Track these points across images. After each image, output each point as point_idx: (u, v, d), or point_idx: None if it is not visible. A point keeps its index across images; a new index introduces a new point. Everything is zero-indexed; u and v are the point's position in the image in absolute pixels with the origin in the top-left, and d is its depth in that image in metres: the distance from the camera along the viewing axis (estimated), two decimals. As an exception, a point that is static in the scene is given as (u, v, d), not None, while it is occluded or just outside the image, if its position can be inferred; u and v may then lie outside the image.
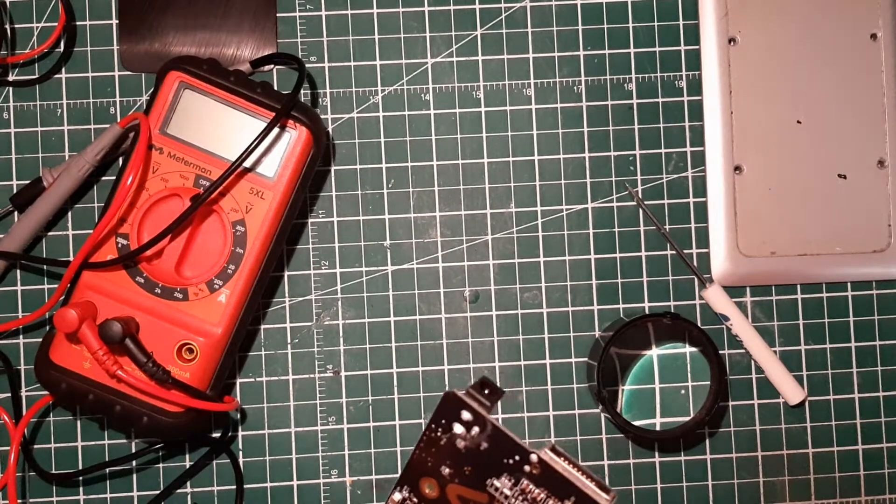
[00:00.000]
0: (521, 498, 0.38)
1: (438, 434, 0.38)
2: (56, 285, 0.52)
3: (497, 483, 0.38)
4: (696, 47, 0.54)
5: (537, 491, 0.38)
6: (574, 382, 0.53)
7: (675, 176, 0.53)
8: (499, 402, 0.39)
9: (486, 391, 0.38)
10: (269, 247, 0.48)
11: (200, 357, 0.47)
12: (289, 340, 0.52)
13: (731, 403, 0.53)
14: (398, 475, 0.38)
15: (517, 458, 0.38)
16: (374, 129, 0.53)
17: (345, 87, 0.53)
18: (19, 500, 0.51)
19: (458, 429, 0.38)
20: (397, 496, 0.39)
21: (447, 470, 0.38)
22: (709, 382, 0.52)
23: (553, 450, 0.39)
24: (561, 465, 0.38)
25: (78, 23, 0.53)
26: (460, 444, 0.38)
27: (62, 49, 0.53)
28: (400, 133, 0.53)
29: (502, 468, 0.38)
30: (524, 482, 0.38)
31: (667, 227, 0.53)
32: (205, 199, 0.46)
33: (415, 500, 0.39)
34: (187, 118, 0.48)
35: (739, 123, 0.53)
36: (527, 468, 0.38)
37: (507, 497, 0.38)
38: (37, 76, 0.52)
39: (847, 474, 0.53)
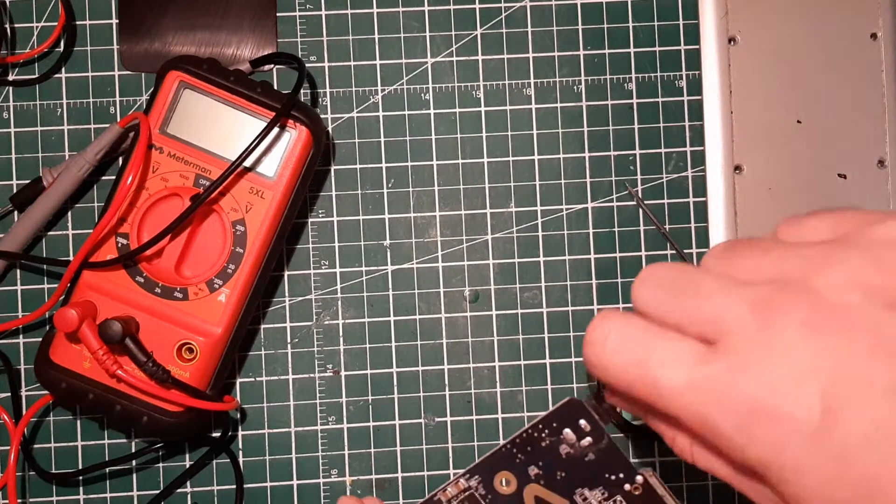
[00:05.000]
0: None
1: (543, 435, 0.38)
2: (56, 285, 0.52)
3: (588, 494, 0.38)
4: (696, 47, 0.54)
5: None
6: (574, 382, 0.53)
7: (675, 176, 0.53)
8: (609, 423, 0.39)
9: (603, 408, 0.38)
10: (268, 246, 0.48)
11: (200, 357, 0.47)
12: (289, 340, 0.52)
13: (731, 403, 0.53)
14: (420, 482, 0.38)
15: (621, 475, 0.38)
16: (373, 128, 0.53)
17: (345, 87, 0.53)
18: (19, 500, 0.51)
19: (569, 434, 0.38)
20: (464, 483, 0.39)
21: (535, 470, 0.38)
22: (709, 382, 0.52)
23: (655, 475, 0.39)
24: (661, 489, 0.38)
25: (78, 22, 0.53)
26: (563, 449, 0.38)
27: (62, 49, 0.53)
28: (400, 133, 0.53)
29: (600, 482, 0.38)
30: (618, 498, 0.38)
31: (667, 226, 0.53)
32: (205, 199, 0.46)
33: (482, 491, 0.38)
34: (187, 118, 0.48)
35: (739, 123, 0.53)
36: (627, 486, 0.38)
37: None
38: (37, 76, 0.52)
39: (847, 474, 0.53)
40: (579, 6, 0.54)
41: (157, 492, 0.51)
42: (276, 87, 0.50)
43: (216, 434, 0.52)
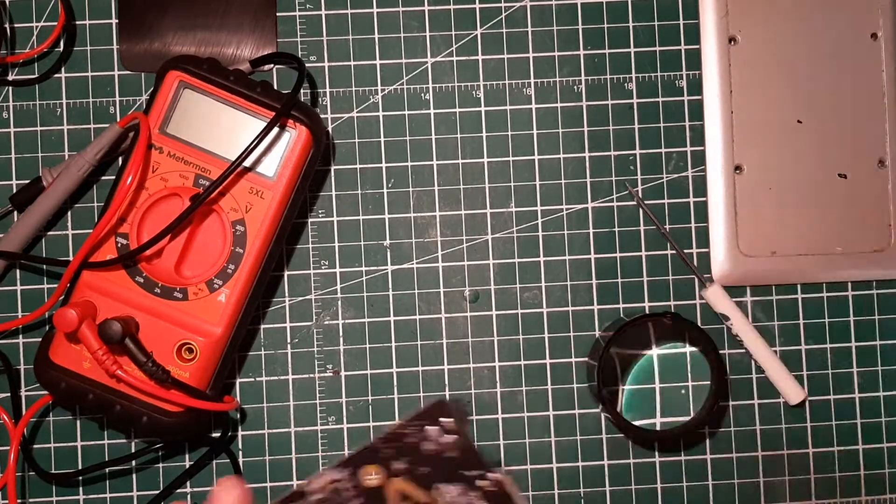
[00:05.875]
0: None
1: (409, 431, 0.40)
2: (56, 285, 0.52)
3: (446, 488, 0.40)
4: (697, 47, 0.54)
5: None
6: (574, 382, 0.53)
7: (675, 176, 0.53)
8: (465, 427, 0.41)
9: (463, 412, 0.41)
10: (268, 246, 0.48)
11: (200, 357, 0.47)
12: (289, 340, 0.52)
13: (731, 403, 0.53)
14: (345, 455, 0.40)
15: (477, 473, 0.40)
16: (373, 128, 0.53)
17: (345, 87, 0.53)
18: (19, 500, 0.51)
19: (433, 432, 0.40)
20: (331, 475, 0.40)
21: (401, 465, 0.40)
22: (709, 382, 0.52)
23: (505, 475, 0.42)
24: (514, 491, 0.41)
25: (78, 22, 0.53)
26: (427, 446, 0.40)
27: (62, 49, 0.52)
28: (400, 133, 0.53)
29: (458, 477, 0.40)
30: (473, 494, 0.40)
31: (667, 226, 0.53)
32: (204, 199, 0.46)
33: (348, 484, 0.40)
34: (187, 118, 0.48)
35: (739, 123, 0.53)
36: (481, 483, 0.40)
37: (449, 502, 0.40)
38: (36, 76, 0.52)
39: (847, 474, 0.53)
40: (579, 6, 0.53)
41: (157, 492, 0.51)
42: (276, 87, 0.50)
43: (216, 434, 0.52)
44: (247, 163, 0.47)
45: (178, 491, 0.51)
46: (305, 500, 0.39)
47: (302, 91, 0.51)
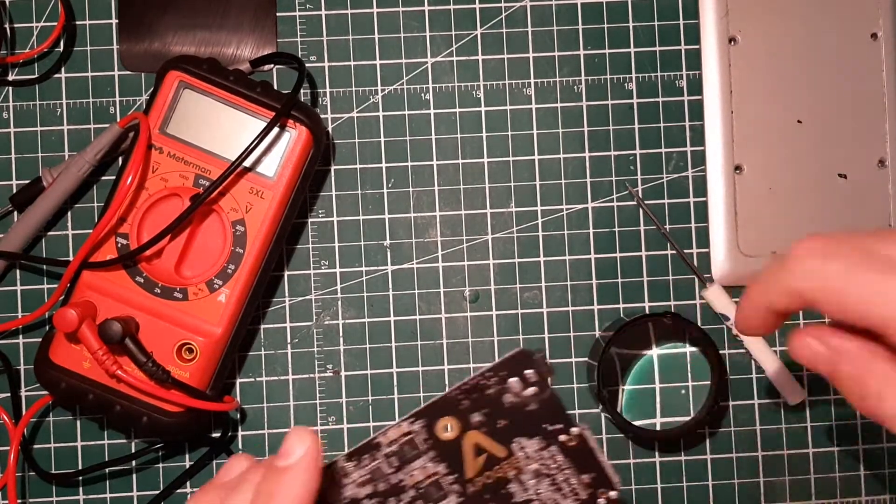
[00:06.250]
0: (540, 461, 0.39)
1: (490, 382, 0.39)
2: (56, 285, 0.52)
3: (525, 442, 0.40)
4: (697, 47, 0.54)
5: (561, 459, 0.39)
6: (574, 382, 0.53)
7: (676, 175, 0.53)
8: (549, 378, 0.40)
9: (547, 365, 0.40)
10: (268, 246, 0.48)
11: (200, 357, 0.47)
12: (289, 340, 0.52)
13: (731, 403, 0.53)
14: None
15: (559, 426, 0.40)
16: (373, 128, 0.53)
17: (345, 87, 0.53)
18: (19, 500, 0.51)
19: (514, 383, 0.39)
20: (406, 426, 0.39)
21: (478, 417, 0.39)
22: (709, 382, 0.52)
23: (589, 430, 0.41)
24: (594, 443, 0.40)
25: (78, 22, 0.53)
26: (508, 398, 0.39)
27: (62, 49, 0.52)
28: (400, 133, 0.53)
29: (538, 432, 0.40)
30: (553, 448, 0.39)
31: (667, 226, 0.53)
32: (204, 199, 0.46)
33: (424, 436, 0.39)
34: (187, 118, 0.48)
35: (739, 123, 0.53)
36: (563, 437, 0.40)
37: (528, 457, 0.39)
38: (36, 76, 0.52)
39: (847, 474, 0.53)
40: (579, 6, 0.54)
41: (157, 492, 0.51)
42: (276, 87, 0.50)
43: (216, 434, 0.52)
44: (247, 163, 0.47)
45: (179, 491, 0.51)
46: (379, 450, 0.39)
47: (302, 91, 0.51)
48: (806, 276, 0.33)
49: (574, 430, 0.40)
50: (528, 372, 0.39)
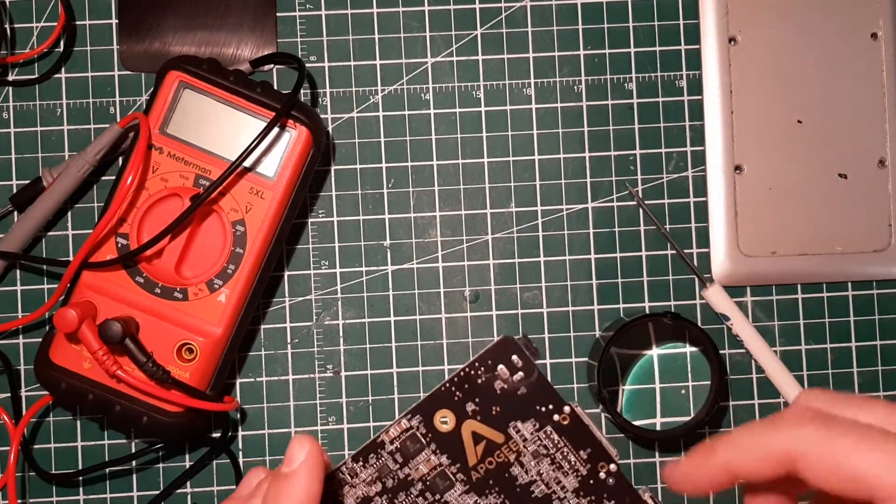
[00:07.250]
0: (538, 442, 0.40)
1: (478, 372, 0.40)
2: (56, 285, 0.52)
3: (520, 426, 0.40)
4: (697, 47, 0.54)
5: (557, 438, 0.40)
6: (574, 382, 0.53)
7: (676, 176, 0.53)
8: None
9: (531, 347, 0.41)
10: (268, 247, 0.48)
11: (200, 357, 0.47)
12: (289, 340, 0.52)
13: (731, 403, 0.53)
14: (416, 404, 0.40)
15: (550, 407, 0.41)
16: (373, 128, 0.53)
17: (345, 87, 0.53)
18: (19, 500, 0.51)
19: (503, 370, 0.40)
20: (406, 423, 0.40)
21: (472, 406, 0.40)
22: (709, 382, 0.52)
23: (579, 407, 0.42)
24: (587, 419, 0.41)
25: (78, 22, 0.53)
26: (498, 385, 0.40)
27: (62, 49, 0.52)
28: (400, 133, 0.53)
29: (531, 414, 0.40)
30: (548, 429, 0.40)
31: (667, 226, 0.53)
32: (205, 199, 0.46)
33: (423, 430, 0.40)
34: (187, 118, 0.48)
35: (740, 123, 0.53)
36: (556, 417, 0.41)
37: (525, 439, 0.40)
38: (37, 76, 0.52)
39: (847, 474, 0.53)
40: (579, 6, 0.54)
41: (157, 492, 0.51)
42: (276, 87, 0.50)
43: (216, 434, 0.52)
44: (247, 163, 0.47)
45: (179, 491, 0.51)
46: (384, 448, 0.40)
47: (302, 91, 0.51)
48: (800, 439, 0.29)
49: (566, 408, 0.41)
50: (514, 358, 0.40)
